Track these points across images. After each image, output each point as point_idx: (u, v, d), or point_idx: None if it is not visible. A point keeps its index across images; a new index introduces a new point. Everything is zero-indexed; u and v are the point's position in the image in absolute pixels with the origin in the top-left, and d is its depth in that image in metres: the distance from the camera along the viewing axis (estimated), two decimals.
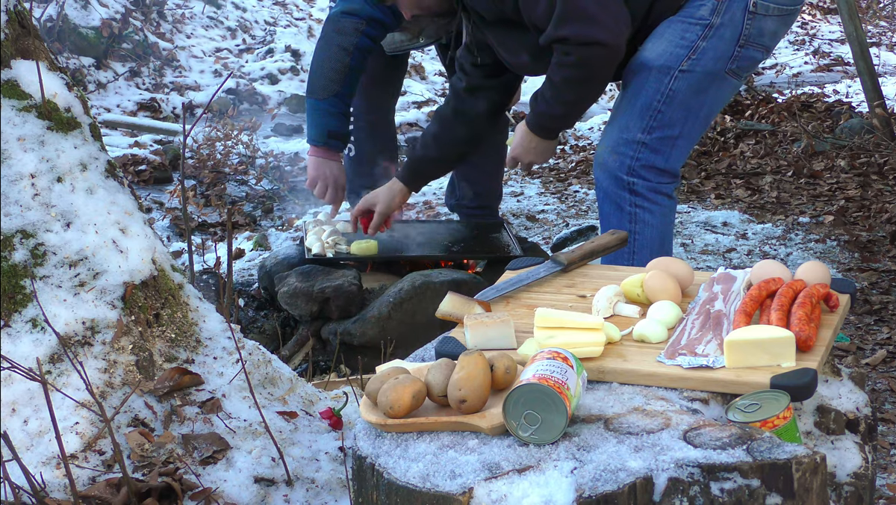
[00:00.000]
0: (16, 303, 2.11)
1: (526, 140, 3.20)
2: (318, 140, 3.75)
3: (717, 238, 4.84)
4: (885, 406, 3.27)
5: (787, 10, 3.00)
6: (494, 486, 1.51)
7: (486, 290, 2.15)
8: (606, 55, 2.92)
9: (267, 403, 2.27)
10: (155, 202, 5.53)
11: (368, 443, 1.67)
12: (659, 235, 3.03)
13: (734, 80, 3.03)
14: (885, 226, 4.86)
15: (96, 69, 8.05)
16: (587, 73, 2.95)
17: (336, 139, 3.75)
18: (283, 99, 8.23)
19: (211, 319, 2.37)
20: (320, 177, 3.75)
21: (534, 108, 3.11)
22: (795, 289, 1.93)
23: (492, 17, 3.05)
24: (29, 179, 2.16)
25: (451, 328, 2.05)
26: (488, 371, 1.69)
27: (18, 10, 2.28)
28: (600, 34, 2.88)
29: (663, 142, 2.98)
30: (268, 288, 3.71)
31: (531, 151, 3.22)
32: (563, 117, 3.15)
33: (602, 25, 2.87)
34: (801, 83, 8.48)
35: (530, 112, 3.14)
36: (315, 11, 11.08)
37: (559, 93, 3.01)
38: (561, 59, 2.94)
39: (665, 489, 1.47)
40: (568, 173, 6.16)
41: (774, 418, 1.63)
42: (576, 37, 2.88)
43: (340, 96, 3.69)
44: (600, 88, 3.07)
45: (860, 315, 3.92)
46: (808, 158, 5.94)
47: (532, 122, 3.15)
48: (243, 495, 2.06)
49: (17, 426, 2.03)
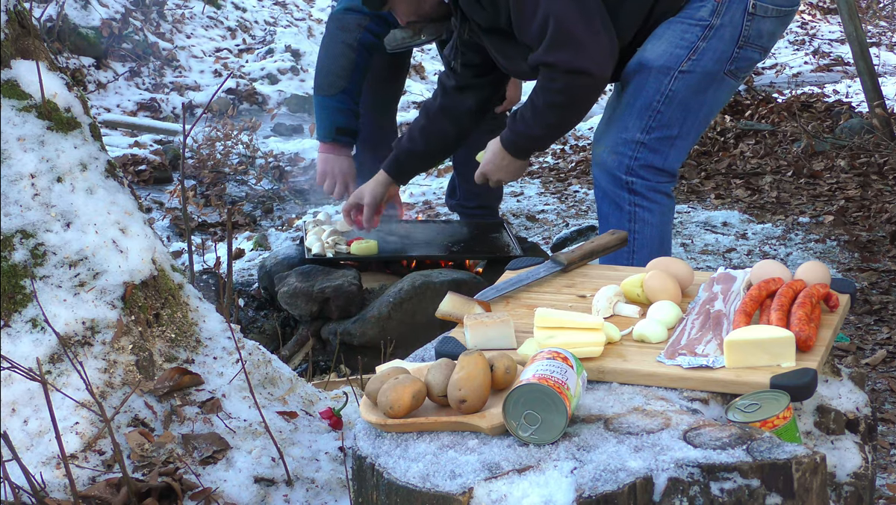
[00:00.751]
0: (16, 303, 2.11)
1: (498, 157, 3.20)
2: (327, 136, 3.76)
3: (717, 238, 4.84)
4: (885, 406, 3.27)
5: (784, 11, 3.02)
6: (494, 486, 1.51)
7: (486, 290, 2.15)
8: (591, 85, 2.95)
9: (267, 403, 2.27)
10: (155, 202, 5.53)
11: (368, 443, 1.67)
12: (658, 235, 3.04)
13: (732, 80, 3.04)
14: (885, 226, 4.86)
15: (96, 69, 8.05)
16: (570, 99, 2.98)
17: (344, 135, 3.76)
18: (283, 99, 8.23)
19: (211, 319, 2.37)
20: (329, 173, 3.77)
21: (512, 127, 3.12)
22: (795, 289, 1.93)
23: (487, 26, 3.06)
24: (29, 179, 2.16)
25: (451, 328, 2.05)
26: (488, 371, 1.69)
27: (18, 10, 2.28)
28: (588, 64, 2.90)
29: (662, 142, 3.00)
30: (268, 288, 3.71)
31: (502, 169, 3.23)
32: (540, 139, 3.17)
33: (590, 55, 2.90)
34: (801, 83, 8.48)
35: (507, 130, 3.15)
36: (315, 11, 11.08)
37: (540, 116, 3.03)
38: (546, 84, 2.96)
39: (665, 489, 1.47)
40: (568, 173, 6.16)
41: (774, 418, 1.63)
42: (563, 64, 2.90)
43: (348, 92, 3.71)
44: (581, 116, 3.10)
45: (860, 315, 3.92)
46: (808, 158, 5.94)
47: (508, 140, 3.15)
48: (243, 495, 2.06)
49: (17, 426, 2.03)
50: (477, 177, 3.30)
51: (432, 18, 3.27)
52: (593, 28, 2.90)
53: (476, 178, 3.31)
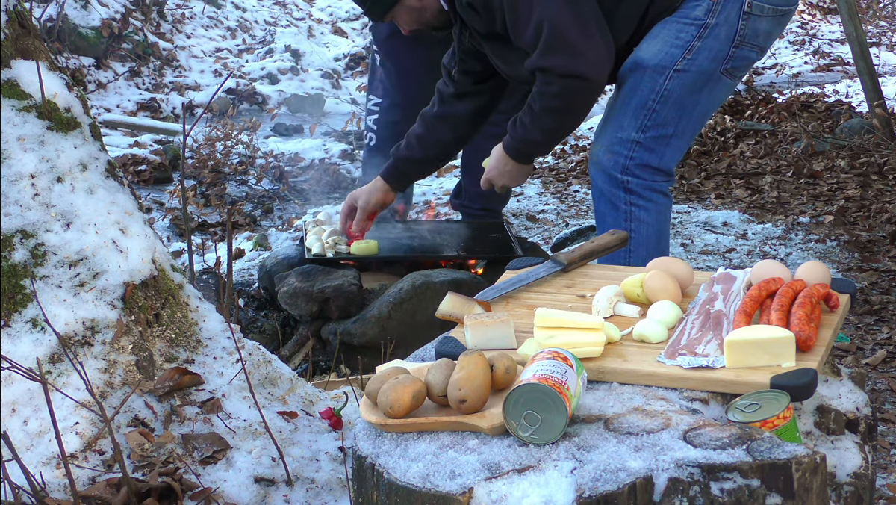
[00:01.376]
0: (16, 303, 2.11)
1: (501, 163, 3.22)
2: None
3: (717, 238, 4.84)
4: (885, 406, 3.27)
5: (781, 11, 3.02)
6: (494, 486, 1.51)
7: (486, 290, 2.15)
8: (588, 89, 2.96)
9: (267, 403, 2.27)
10: (155, 202, 5.53)
11: (368, 443, 1.67)
12: (655, 233, 3.05)
13: (729, 80, 3.05)
14: (885, 226, 4.86)
15: (96, 69, 8.05)
16: (567, 104, 2.98)
17: None
18: (283, 99, 8.23)
19: (211, 319, 2.37)
20: None
21: (512, 132, 3.14)
22: (795, 289, 1.93)
23: (485, 32, 3.07)
24: (29, 179, 2.16)
25: (451, 328, 2.05)
26: (488, 371, 1.69)
27: (18, 10, 2.28)
28: (584, 68, 2.91)
29: (658, 141, 3.00)
30: (268, 288, 3.71)
31: (506, 174, 3.24)
32: (541, 144, 3.18)
33: (586, 59, 2.90)
34: (801, 83, 8.48)
35: (508, 136, 3.17)
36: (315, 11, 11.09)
37: (538, 121, 3.04)
38: (542, 89, 2.97)
39: (665, 489, 1.47)
40: (568, 173, 6.16)
41: (774, 418, 1.63)
42: (559, 69, 2.91)
43: None
44: (579, 120, 3.11)
45: (860, 315, 3.92)
46: (808, 158, 5.94)
47: (509, 146, 3.17)
48: (243, 495, 2.06)
49: (17, 426, 2.03)
50: (482, 183, 3.31)
51: (434, 27, 3.28)
52: (588, 32, 2.91)
53: (482, 184, 3.32)
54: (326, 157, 6.09)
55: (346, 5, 11.05)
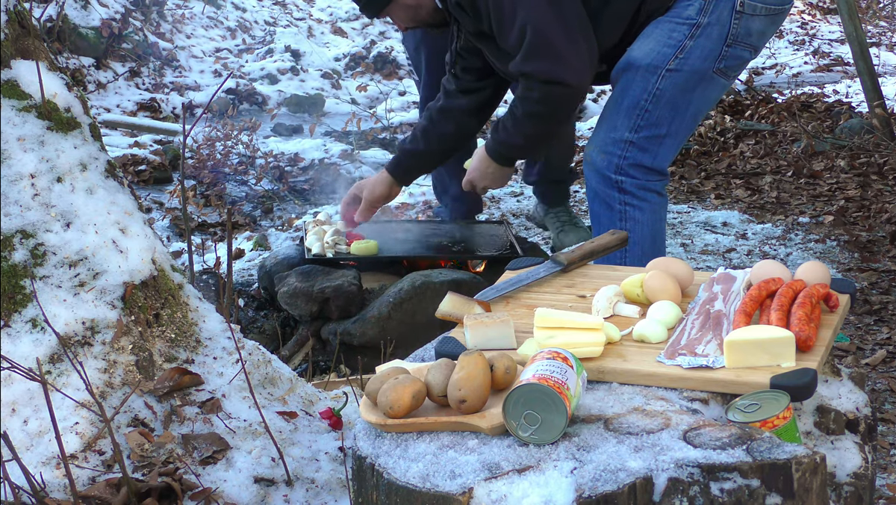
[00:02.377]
0: (16, 303, 2.11)
1: (483, 165, 3.26)
2: None
3: (716, 238, 4.84)
4: (885, 406, 3.27)
5: (774, 10, 3.02)
6: (494, 486, 1.51)
7: (486, 290, 2.15)
8: (569, 95, 2.98)
9: (267, 403, 2.27)
10: (155, 202, 5.52)
11: (368, 443, 1.67)
12: (650, 233, 3.05)
13: (722, 79, 3.05)
14: (885, 226, 4.86)
15: (96, 69, 8.05)
16: (548, 109, 3.00)
17: None
18: (283, 99, 8.23)
19: (211, 319, 2.37)
20: None
21: (494, 135, 3.18)
22: (795, 289, 1.93)
23: (474, 31, 3.08)
24: (29, 179, 2.16)
25: (451, 328, 2.05)
26: (488, 371, 1.69)
27: (18, 10, 2.28)
28: (566, 75, 2.92)
29: (651, 140, 3.01)
30: (268, 288, 3.70)
31: (487, 176, 3.28)
32: (522, 148, 3.21)
33: (568, 66, 2.92)
34: (801, 83, 8.48)
35: (490, 138, 3.21)
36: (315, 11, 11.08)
37: (519, 125, 3.06)
38: (524, 94, 2.99)
39: (665, 489, 1.47)
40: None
41: (774, 418, 1.63)
42: (541, 74, 2.92)
43: None
44: (561, 125, 3.14)
45: (860, 315, 3.92)
46: (808, 158, 5.94)
47: (491, 148, 3.21)
48: (243, 495, 2.06)
49: (17, 426, 2.03)
50: (464, 184, 3.35)
51: (430, 24, 3.29)
52: (571, 37, 2.91)
53: (463, 185, 3.36)
54: (326, 157, 6.08)
55: (346, 5, 11.05)
